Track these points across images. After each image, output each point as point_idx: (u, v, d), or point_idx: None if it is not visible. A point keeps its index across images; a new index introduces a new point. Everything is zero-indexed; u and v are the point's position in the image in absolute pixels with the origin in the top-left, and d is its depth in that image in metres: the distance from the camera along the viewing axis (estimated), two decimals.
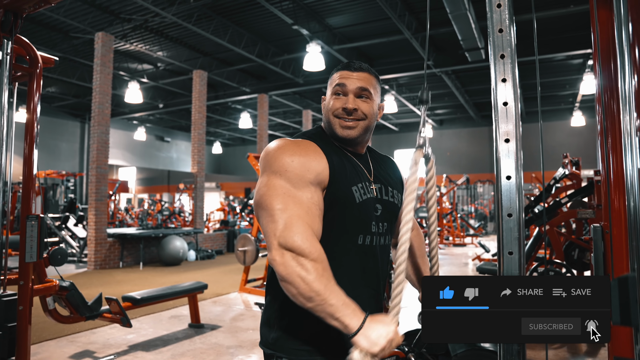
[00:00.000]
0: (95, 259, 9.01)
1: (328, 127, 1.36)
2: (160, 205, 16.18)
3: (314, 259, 1.07)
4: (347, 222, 1.26)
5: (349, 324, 1.04)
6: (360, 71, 1.34)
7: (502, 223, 1.21)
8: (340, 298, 1.06)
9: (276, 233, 1.09)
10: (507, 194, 1.20)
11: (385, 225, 1.37)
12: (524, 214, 1.31)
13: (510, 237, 1.20)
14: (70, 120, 18.76)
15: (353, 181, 1.28)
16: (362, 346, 1.03)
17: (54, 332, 4.51)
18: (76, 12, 9.07)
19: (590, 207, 5.06)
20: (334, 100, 1.33)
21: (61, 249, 3.55)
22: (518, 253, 1.19)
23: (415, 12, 9.17)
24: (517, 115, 1.21)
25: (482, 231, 17.60)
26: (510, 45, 1.21)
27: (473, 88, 14.93)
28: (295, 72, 12.67)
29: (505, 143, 1.20)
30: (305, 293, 1.05)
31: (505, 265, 1.20)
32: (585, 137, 17.62)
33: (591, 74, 10.59)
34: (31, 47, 3.10)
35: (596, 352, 4.03)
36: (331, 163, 1.24)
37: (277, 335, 1.28)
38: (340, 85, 1.32)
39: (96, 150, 9.22)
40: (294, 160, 1.19)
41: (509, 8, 1.22)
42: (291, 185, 1.16)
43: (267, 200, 1.14)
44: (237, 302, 6.08)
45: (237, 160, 26.55)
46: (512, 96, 1.21)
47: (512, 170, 1.20)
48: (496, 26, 1.22)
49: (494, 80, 1.23)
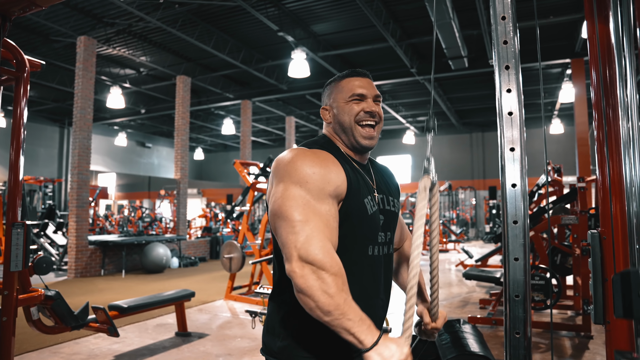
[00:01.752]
0: (76, 267, 8.83)
1: (345, 134, 1.35)
2: (141, 212, 15.95)
3: (334, 273, 1.07)
4: (359, 234, 1.27)
5: (364, 340, 1.05)
6: (368, 77, 1.38)
7: (508, 230, 1.23)
8: (358, 313, 1.07)
9: (297, 245, 1.08)
10: (513, 201, 1.23)
11: (389, 234, 1.39)
12: None
13: (516, 244, 1.22)
14: (49, 125, 18.40)
15: (364, 193, 1.29)
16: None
17: (35, 343, 4.40)
18: (58, 16, 8.93)
19: (573, 213, 5.17)
20: (352, 105, 1.33)
21: (46, 257, 3.48)
22: (523, 259, 1.21)
23: (399, 20, 9.29)
24: (522, 124, 1.24)
25: (464, 237, 17.79)
26: (515, 57, 1.24)
27: (455, 96, 15.15)
28: (279, 78, 12.68)
29: (510, 152, 1.23)
30: (324, 307, 1.05)
31: (511, 271, 1.22)
32: (563, 144, 18.00)
33: (570, 83, 10.85)
34: (18, 50, 3.05)
35: (580, 355, 4.10)
36: (348, 175, 1.25)
37: (284, 344, 1.27)
38: (358, 93, 1.33)
39: (78, 156, 9.06)
40: (315, 172, 1.18)
41: (513, 21, 1.25)
42: (311, 197, 1.15)
43: (288, 210, 1.13)
44: (224, 310, 6.03)
45: (219, 167, 26.38)
46: (516, 106, 1.23)
47: (517, 178, 1.22)
48: (501, 38, 1.25)
49: (499, 91, 1.25)
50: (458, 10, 8.20)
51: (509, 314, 1.21)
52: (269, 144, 24.04)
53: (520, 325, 1.20)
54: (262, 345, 1.36)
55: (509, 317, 1.21)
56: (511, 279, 1.22)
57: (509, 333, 1.21)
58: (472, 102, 16.09)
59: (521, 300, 1.21)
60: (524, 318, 1.20)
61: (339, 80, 1.38)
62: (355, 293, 1.16)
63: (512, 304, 1.21)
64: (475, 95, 15.04)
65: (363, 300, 1.26)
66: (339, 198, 1.22)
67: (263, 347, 1.35)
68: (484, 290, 7.21)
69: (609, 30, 1.49)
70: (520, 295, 1.21)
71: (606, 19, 1.52)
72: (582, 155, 9.49)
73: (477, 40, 9.83)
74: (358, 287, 1.25)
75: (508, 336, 1.21)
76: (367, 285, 1.28)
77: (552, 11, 8.57)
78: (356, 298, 1.14)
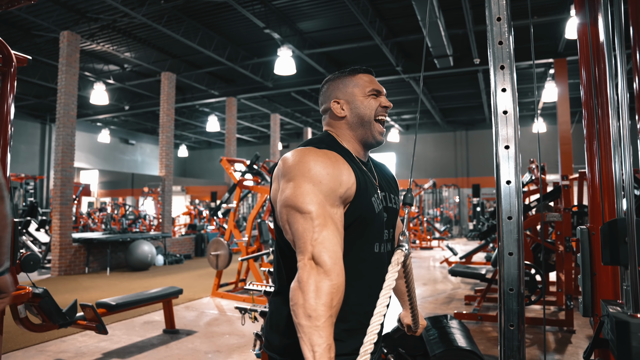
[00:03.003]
0: (59, 265, 8.71)
1: (362, 126, 1.37)
2: (124, 210, 15.77)
3: (335, 284, 1.05)
4: (368, 233, 1.28)
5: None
6: (374, 76, 1.44)
7: (502, 225, 1.27)
8: (330, 339, 1.02)
9: (313, 242, 1.07)
10: (507, 197, 1.27)
11: (392, 231, 1.40)
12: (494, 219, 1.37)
13: (510, 239, 1.26)
14: (30, 122, 18.07)
15: (371, 192, 1.29)
16: None
17: (21, 342, 4.34)
18: (40, 10, 8.77)
19: (556, 211, 5.28)
20: (371, 100, 1.37)
21: (33, 254, 3.44)
22: (517, 254, 1.25)
23: (385, 18, 9.34)
24: (516, 123, 1.27)
25: (448, 234, 17.98)
26: (510, 57, 1.28)
27: (439, 94, 15.29)
28: (265, 76, 12.65)
29: (505, 149, 1.26)
30: (308, 309, 1.01)
31: (506, 265, 1.26)
32: (546, 143, 18.31)
33: (552, 82, 11.03)
34: (5, 45, 3.01)
35: (564, 349, 4.20)
36: (357, 176, 1.25)
37: (289, 342, 1.27)
38: (377, 89, 1.38)
39: (61, 152, 8.93)
40: (329, 172, 1.17)
41: (508, 21, 1.29)
42: (324, 197, 1.14)
43: (303, 202, 1.11)
44: (211, 307, 6.01)
45: (203, 164, 26.20)
46: (511, 105, 1.27)
47: (511, 175, 1.26)
48: (496, 39, 1.28)
49: (494, 90, 1.29)
50: (444, 9, 8.29)
51: (503, 307, 1.25)
52: (253, 142, 23.96)
53: (515, 317, 1.24)
54: (265, 342, 1.36)
55: (504, 310, 1.25)
56: (506, 273, 1.26)
57: (504, 325, 1.25)
58: (457, 100, 16.26)
59: (515, 294, 1.25)
60: (518, 311, 1.24)
61: (351, 75, 1.39)
62: (360, 290, 1.18)
63: (507, 297, 1.25)
64: (459, 93, 15.20)
65: (367, 297, 1.28)
66: (348, 200, 1.21)
67: (267, 344, 1.34)
68: (469, 287, 7.32)
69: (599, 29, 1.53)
70: (514, 288, 1.25)
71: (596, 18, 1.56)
72: (565, 153, 9.67)
73: (462, 40, 9.94)
74: (364, 284, 1.26)
75: (502, 328, 1.25)
76: (372, 282, 1.30)
77: (535, 11, 8.71)
78: (361, 295, 1.16)
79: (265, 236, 7.15)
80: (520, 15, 8.72)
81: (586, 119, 1.53)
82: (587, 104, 1.58)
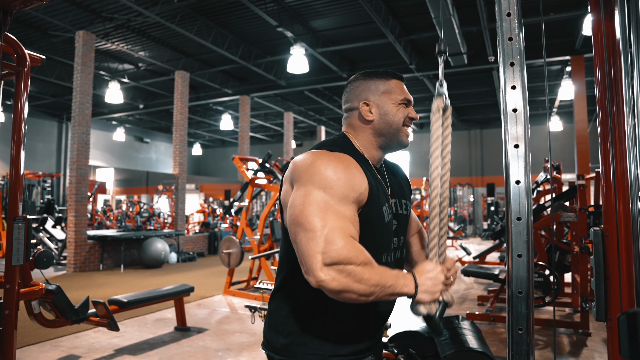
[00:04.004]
0: (75, 262, 8.83)
1: (390, 133, 1.32)
2: (139, 207, 15.93)
3: (361, 262, 1.07)
4: (375, 242, 1.25)
5: (407, 292, 1.14)
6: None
7: (512, 227, 1.24)
8: (392, 275, 1.13)
9: (317, 252, 1.05)
10: (517, 198, 1.24)
11: (402, 239, 1.38)
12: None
13: (520, 240, 1.23)
14: (47, 120, 18.35)
15: (383, 201, 1.26)
16: (425, 300, 1.14)
17: (36, 337, 4.41)
18: (56, 10, 8.89)
19: (571, 211, 5.19)
20: (402, 109, 1.33)
21: (47, 251, 3.48)
22: (527, 256, 1.22)
23: (399, 16, 9.27)
24: (526, 121, 1.24)
25: (462, 234, 17.83)
26: (520, 53, 1.25)
27: (454, 93, 15.14)
28: (278, 74, 12.66)
29: (514, 148, 1.23)
30: (366, 292, 1.08)
31: (514, 268, 1.23)
32: (562, 141, 18.04)
33: (569, 80, 10.85)
34: (19, 45, 3.04)
35: (579, 352, 4.13)
36: (370, 182, 1.22)
37: (288, 341, 1.26)
38: (408, 99, 1.35)
39: (76, 150, 9.05)
40: (340, 177, 1.15)
41: (519, 17, 1.25)
42: (334, 202, 1.12)
43: (308, 217, 1.09)
44: (222, 305, 6.04)
45: (217, 162, 26.35)
46: (521, 102, 1.24)
47: (521, 175, 1.23)
48: (506, 34, 1.25)
49: (504, 87, 1.26)
50: (458, 6, 8.19)
51: (512, 310, 1.22)
52: (267, 140, 24.01)
53: (524, 321, 1.21)
54: (263, 341, 1.36)
55: (512, 313, 1.22)
56: (514, 275, 1.23)
57: (512, 329, 1.22)
58: (471, 99, 16.09)
59: (524, 297, 1.22)
60: (526, 314, 1.21)
61: (385, 78, 1.35)
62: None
63: (515, 300, 1.22)
64: (474, 92, 15.04)
65: (369, 307, 1.27)
66: (360, 205, 1.19)
67: (265, 343, 1.34)
68: (482, 287, 7.24)
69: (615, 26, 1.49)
70: (523, 291, 1.22)
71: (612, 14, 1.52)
72: (581, 152, 9.51)
73: (476, 37, 9.82)
74: None
75: (511, 332, 1.22)
76: None
77: (552, 8, 8.57)
78: (363, 306, 1.15)
79: (277, 234, 7.16)
80: (535, 11, 8.59)
81: (600, 117, 1.49)
82: (602, 102, 1.53)
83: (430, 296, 1.15)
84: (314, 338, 1.25)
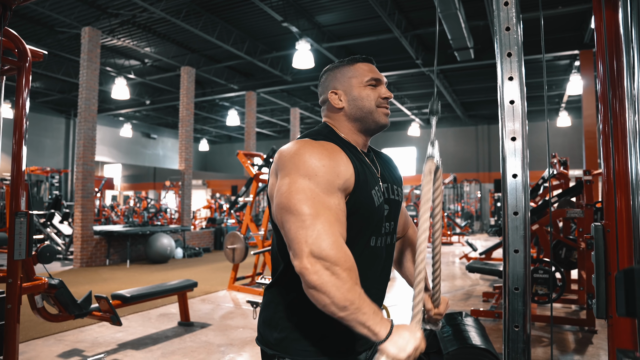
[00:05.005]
0: (81, 257, 8.89)
1: (363, 117, 1.31)
2: (146, 203, 16.01)
3: (348, 268, 1.06)
4: (365, 226, 1.24)
5: (378, 332, 1.06)
6: (374, 64, 1.37)
7: (508, 221, 1.21)
8: (371, 307, 1.07)
9: (308, 240, 1.05)
10: (513, 192, 1.21)
11: (392, 224, 1.36)
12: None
13: (516, 236, 1.20)
14: (54, 116, 18.46)
15: (372, 185, 1.25)
16: (391, 353, 1.05)
17: (41, 331, 4.44)
18: (62, 6, 8.92)
19: (578, 207, 5.13)
20: (371, 90, 1.31)
21: (50, 246, 3.49)
22: (524, 251, 1.19)
23: (404, 11, 9.20)
24: (524, 114, 1.21)
25: (469, 230, 17.75)
26: (517, 44, 1.21)
27: (461, 88, 15.04)
28: (284, 69, 12.63)
29: (511, 141, 1.20)
30: (340, 303, 1.03)
31: (511, 263, 1.20)
32: (570, 137, 17.86)
33: (578, 75, 10.73)
34: (20, 40, 3.03)
35: (584, 350, 4.08)
36: (356, 168, 1.21)
37: (282, 336, 1.25)
38: (376, 78, 1.32)
39: (82, 146, 9.09)
40: (324, 164, 1.14)
41: (516, 6, 1.22)
42: (320, 190, 1.11)
43: (297, 204, 1.09)
44: (226, 300, 6.05)
45: (224, 158, 26.40)
46: (518, 94, 1.21)
47: (518, 168, 1.20)
48: (503, 24, 1.22)
49: (500, 79, 1.23)
50: (464, 0, 8.11)
51: (508, 306, 1.20)
52: (273, 136, 24.01)
53: (520, 318, 1.18)
54: (258, 335, 1.35)
55: (508, 310, 1.20)
56: (511, 271, 1.20)
57: (508, 326, 1.20)
58: (478, 94, 15.97)
59: (521, 293, 1.19)
60: (523, 311, 1.18)
61: (349, 64, 1.34)
62: None
63: (512, 296, 1.20)
64: (481, 87, 14.92)
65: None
66: (347, 191, 1.18)
67: (259, 338, 1.33)
68: (488, 283, 7.20)
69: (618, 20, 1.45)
70: (520, 288, 1.19)
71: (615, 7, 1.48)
72: (590, 148, 9.41)
73: (483, 31, 9.73)
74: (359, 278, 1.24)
75: (507, 329, 1.20)
76: (366, 276, 1.27)
77: (560, 1, 8.46)
78: None
79: None
80: (543, 5, 8.49)
81: (602, 113, 1.46)
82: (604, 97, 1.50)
83: (396, 351, 1.04)
84: (308, 334, 1.23)
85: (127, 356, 3.83)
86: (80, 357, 3.78)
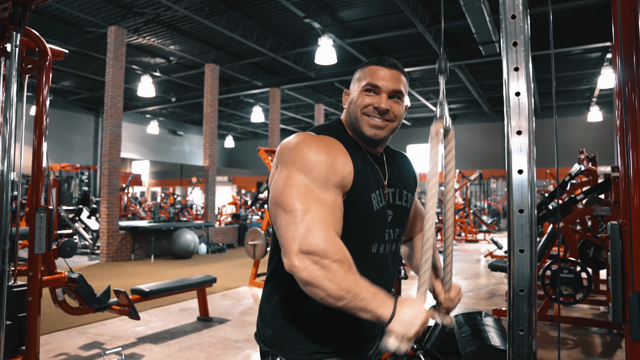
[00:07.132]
0: (107, 252, 9.09)
1: (353, 123, 1.26)
2: (173, 199, 16.27)
3: (338, 259, 1.02)
4: (362, 230, 1.20)
5: (382, 314, 1.03)
6: (394, 69, 1.24)
7: (513, 219, 1.15)
8: (369, 290, 1.04)
9: (296, 237, 1.02)
10: (519, 189, 1.15)
11: (397, 231, 1.31)
12: (538, 211, 1.24)
13: (522, 234, 1.14)
14: (84, 114, 18.94)
15: (372, 187, 1.21)
16: (398, 332, 1.03)
17: (64, 323, 4.55)
18: (89, 6, 9.11)
19: (606, 204, 4.95)
20: (364, 97, 1.22)
21: (70, 241, 3.56)
22: (530, 251, 1.13)
23: (428, 5, 9.05)
24: (530, 106, 1.14)
25: (495, 227, 17.41)
26: (524, 32, 1.15)
27: (487, 82, 14.74)
28: (307, 66, 12.61)
29: (517, 135, 1.14)
30: (336, 294, 1.01)
31: (516, 263, 1.15)
32: (602, 133, 17.30)
33: (610, 68, 10.36)
34: (40, 39, 3.09)
35: (612, 354, 3.94)
36: (356, 167, 1.17)
37: (274, 333, 1.24)
38: (373, 83, 1.22)
39: (109, 143, 9.28)
40: (321, 159, 1.11)
41: None
42: (315, 186, 1.08)
43: (288, 199, 1.07)
44: (247, 296, 6.08)
45: (249, 154, 26.61)
46: (524, 86, 1.14)
47: (524, 164, 1.14)
48: (509, 12, 1.16)
49: (506, 69, 1.16)
50: None
51: (512, 309, 1.14)
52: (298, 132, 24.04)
53: (525, 321, 1.13)
54: (256, 331, 1.34)
55: (513, 312, 1.14)
56: (516, 272, 1.14)
57: (513, 330, 1.14)
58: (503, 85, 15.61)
59: (526, 295, 1.13)
60: (528, 314, 1.12)
61: (365, 66, 1.27)
62: None
63: (517, 298, 1.14)
64: None
65: None
66: (345, 189, 1.14)
67: (257, 333, 1.33)
68: None
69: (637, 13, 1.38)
70: (525, 289, 1.13)
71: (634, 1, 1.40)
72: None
73: None
74: None
75: (511, 333, 1.14)
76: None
77: None
78: None
79: None
80: None
81: (619, 109, 1.38)
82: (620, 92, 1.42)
83: (404, 329, 1.02)
84: (299, 331, 1.21)
85: (145, 350, 3.88)
86: (100, 350, 3.85)
